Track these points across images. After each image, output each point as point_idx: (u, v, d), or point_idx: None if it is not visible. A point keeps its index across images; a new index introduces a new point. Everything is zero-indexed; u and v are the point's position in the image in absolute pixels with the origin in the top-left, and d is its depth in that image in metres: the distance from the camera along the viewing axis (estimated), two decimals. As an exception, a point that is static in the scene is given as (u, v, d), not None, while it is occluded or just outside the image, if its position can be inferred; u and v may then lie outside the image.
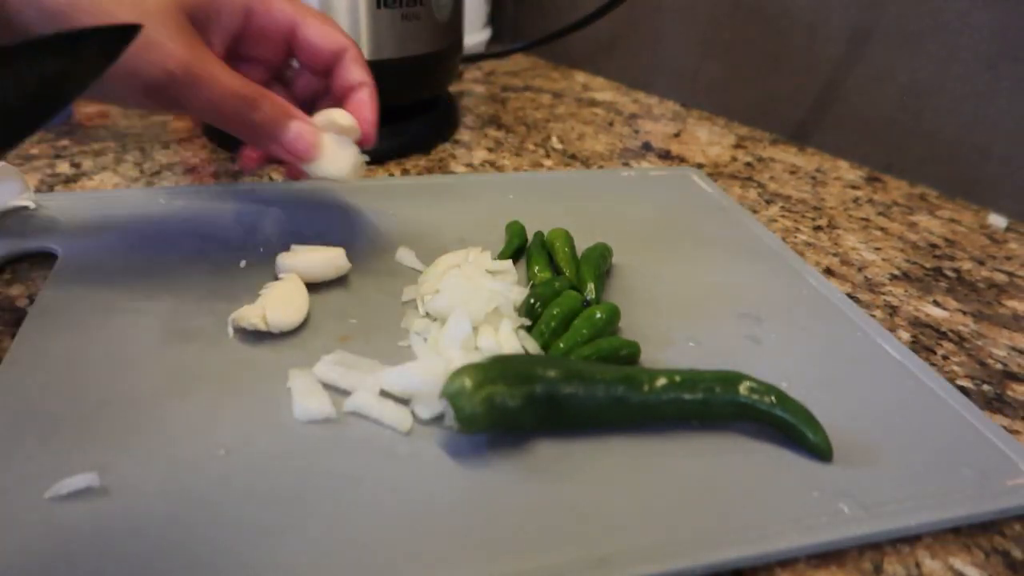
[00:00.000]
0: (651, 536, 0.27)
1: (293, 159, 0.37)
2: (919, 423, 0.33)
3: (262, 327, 0.35)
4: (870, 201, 0.59)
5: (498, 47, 0.92)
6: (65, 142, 0.59)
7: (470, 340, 0.35)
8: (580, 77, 0.88)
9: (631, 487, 0.29)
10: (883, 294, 0.46)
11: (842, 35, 0.64)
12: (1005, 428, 0.34)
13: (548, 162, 0.62)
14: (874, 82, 0.63)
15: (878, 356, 0.38)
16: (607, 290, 0.42)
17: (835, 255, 0.50)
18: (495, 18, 0.98)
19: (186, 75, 0.33)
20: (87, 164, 0.56)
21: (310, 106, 0.42)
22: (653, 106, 0.79)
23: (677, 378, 0.32)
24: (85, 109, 0.66)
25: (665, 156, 0.65)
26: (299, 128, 0.36)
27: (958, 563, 0.28)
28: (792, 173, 0.63)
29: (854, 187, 0.61)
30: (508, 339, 0.35)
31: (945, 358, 0.40)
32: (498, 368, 0.30)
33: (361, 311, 0.38)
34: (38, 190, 0.51)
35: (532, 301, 0.37)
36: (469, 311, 0.35)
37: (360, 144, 0.40)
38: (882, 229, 0.54)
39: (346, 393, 0.32)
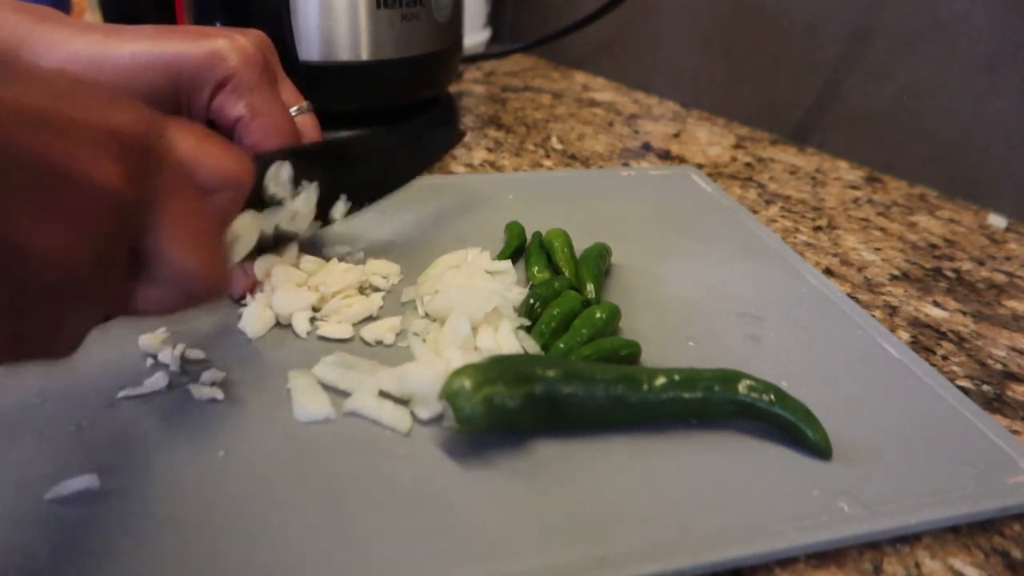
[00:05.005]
0: (651, 536, 0.27)
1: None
2: (919, 421, 0.33)
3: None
4: (870, 201, 0.59)
5: (498, 47, 0.92)
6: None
7: (469, 340, 0.35)
8: (580, 77, 0.88)
9: (631, 487, 0.29)
10: (883, 294, 0.45)
11: (842, 35, 0.64)
12: (1005, 428, 0.34)
13: (548, 162, 0.62)
14: (874, 82, 0.63)
15: (878, 354, 0.38)
16: (607, 290, 0.42)
17: (835, 255, 0.50)
18: (495, 18, 0.98)
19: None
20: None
21: None
22: (653, 106, 0.79)
23: (676, 377, 0.32)
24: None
25: (665, 156, 0.65)
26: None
27: (958, 563, 0.28)
28: (792, 173, 0.63)
29: (854, 187, 0.61)
30: (507, 339, 0.35)
31: (945, 358, 0.40)
32: (497, 368, 0.30)
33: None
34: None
35: (531, 301, 0.37)
36: (468, 311, 0.35)
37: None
38: (882, 229, 0.54)
39: (346, 394, 0.32)
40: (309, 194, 0.38)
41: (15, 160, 0.18)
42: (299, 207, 0.38)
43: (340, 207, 0.41)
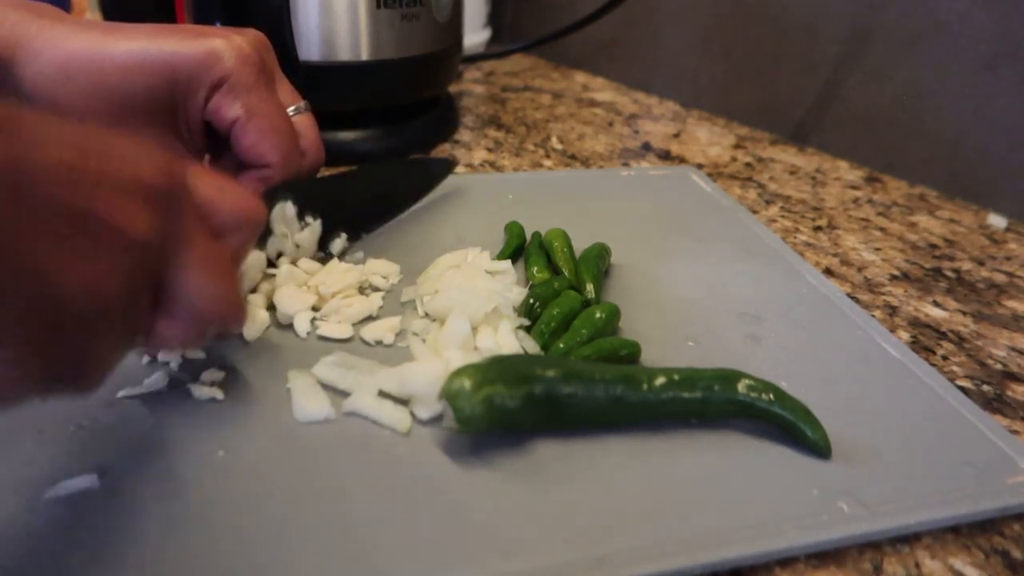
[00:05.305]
0: (650, 536, 0.27)
1: None
2: (919, 421, 0.33)
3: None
4: (870, 201, 0.59)
5: (498, 47, 0.92)
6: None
7: (469, 340, 0.35)
8: (580, 77, 0.88)
9: (631, 487, 0.29)
10: (883, 294, 0.45)
11: (842, 35, 0.64)
12: (1005, 428, 0.34)
13: (548, 162, 0.62)
14: (874, 82, 0.63)
15: (878, 354, 0.38)
16: (607, 290, 0.42)
17: (835, 255, 0.50)
18: (495, 18, 0.98)
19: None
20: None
21: None
22: (653, 106, 0.79)
23: (676, 377, 0.32)
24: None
25: (665, 156, 0.65)
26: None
27: (958, 563, 0.28)
28: (792, 173, 0.63)
29: (854, 187, 0.61)
30: (507, 339, 0.35)
31: (945, 358, 0.40)
32: (497, 368, 0.30)
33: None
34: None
35: (531, 301, 0.37)
36: (468, 311, 0.35)
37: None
38: (882, 229, 0.54)
39: (345, 394, 0.32)
40: (313, 229, 0.40)
41: (50, 210, 0.20)
42: (303, 241, 0.40)
43: (339, 243, 0.43)
